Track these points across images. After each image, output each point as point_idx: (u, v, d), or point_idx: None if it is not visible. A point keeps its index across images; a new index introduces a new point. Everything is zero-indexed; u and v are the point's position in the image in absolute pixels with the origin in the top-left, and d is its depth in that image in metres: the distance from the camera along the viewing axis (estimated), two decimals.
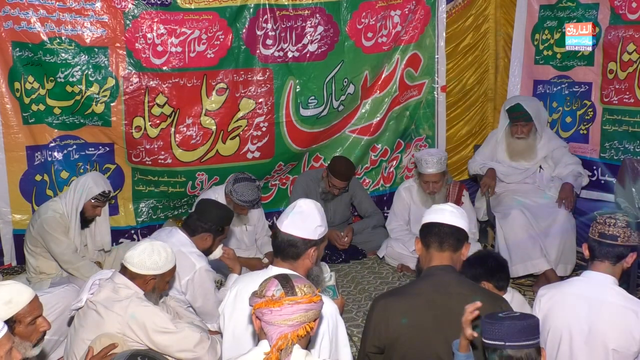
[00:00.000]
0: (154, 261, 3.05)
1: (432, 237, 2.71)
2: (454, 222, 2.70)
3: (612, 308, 2.70)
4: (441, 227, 2.69)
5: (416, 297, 2.64)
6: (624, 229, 2.78)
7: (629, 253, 2.80)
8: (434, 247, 2.71)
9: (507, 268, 3.42)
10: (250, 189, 4.57)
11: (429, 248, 2.72)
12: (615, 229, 2.78)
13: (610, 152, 5.31)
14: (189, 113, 5.28)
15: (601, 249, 2.80)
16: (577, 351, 2.76)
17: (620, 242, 2.78)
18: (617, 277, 2.82)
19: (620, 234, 2.78)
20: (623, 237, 2.78)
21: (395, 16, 5.76)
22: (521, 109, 5.09)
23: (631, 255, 2.81)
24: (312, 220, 2.73)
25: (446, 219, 2.71)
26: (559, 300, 2.82)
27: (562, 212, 4.86)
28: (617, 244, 2.78)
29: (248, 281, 2.81)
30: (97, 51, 4.99)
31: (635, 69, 5.06)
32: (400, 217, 5.39)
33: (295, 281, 2.14)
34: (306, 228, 2.71)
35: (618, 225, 2.79)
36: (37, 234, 4.40)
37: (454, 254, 2.71)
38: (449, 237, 2.69)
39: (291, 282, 2.12)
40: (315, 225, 2.73)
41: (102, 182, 4.48)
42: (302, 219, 2.72)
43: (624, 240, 2.78)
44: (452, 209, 2.75)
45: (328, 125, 5.77)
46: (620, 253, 2.79)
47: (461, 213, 2.77)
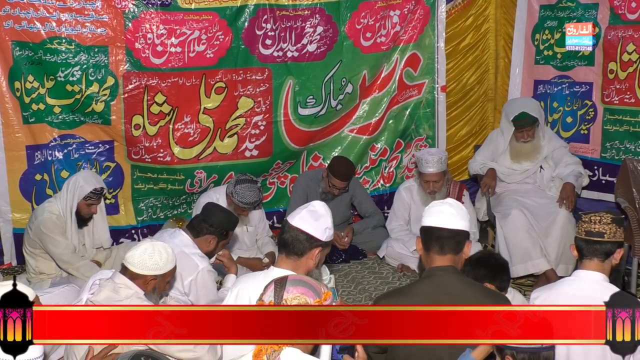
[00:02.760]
0: (155, 261, 3.05)
1: (432, 241, 2.68)
2: (454, 225, 2.66)
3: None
4: (441, 231, 2.66)
5: (418, 298, 2.62)
6: (610, 225, 2.79)
7: (616, 249, 2.82)
8: (434, 250, 2.68)
9: (508, 269, 3.42)
10: (251, 191, 4.57)
11: (430, 251, 2.69)
12: (601, 225, 2.80)
13: (611, 152, 5.32)
14: (187, 111, 5.28)
15: (589, 247, 2.82)
16: (574, 350, 2.76)
17: (607, 238, 2.79)
18: (607, 274, 2.84)
19: (607, 231, 2.79)
20: (609, 233, 2.79)
21: (394, 16, 5.76)
22: (527, 115, 5.07)
23: (618, 251, 2.83)
24: (323, 221, 2.75)
25: (446, 222, 2.66)
26: (554, 301, 2.81)
27: (563, 212, 4.86)
28: (604, 240, 2.79)
29: (249, 282, 2.83)
30: (97, 51, 4.99)
31: (635, 69, 5.07)
32: (401, 217, 5.38)
33: (288, 290, 2.10)
34: (317, 227, 2.73)
35: (603, 222, 2.80)
36: (34, 236, 4.40)
37: (456, 256, 2.68)
38: (449, 241, 2.65)
39: (282, 292, 2.09)
40: (326, 226, 2.75)
41: (92, 180, 4.45)
42: (314, 217, 2.74)
43: (610, 237, 2.79)
44: (452, 210, 2.70)
45: (326, 124, 5.77)
46: (608, 250, 2.80)
47: (460, 212, 2.72)
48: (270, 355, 2.04)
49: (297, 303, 2.07)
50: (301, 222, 2.73)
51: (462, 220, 2.70)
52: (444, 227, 2.66)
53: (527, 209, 4.90)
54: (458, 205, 2.77)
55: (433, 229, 2.68)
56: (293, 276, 2.21)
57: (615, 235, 2.80)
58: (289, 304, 2.06)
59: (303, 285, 2.13)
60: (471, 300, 2.43)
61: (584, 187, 5.30)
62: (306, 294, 2.11)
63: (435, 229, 2.67)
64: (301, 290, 2.11)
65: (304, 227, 2.72)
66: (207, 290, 3.77)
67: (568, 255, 4.86)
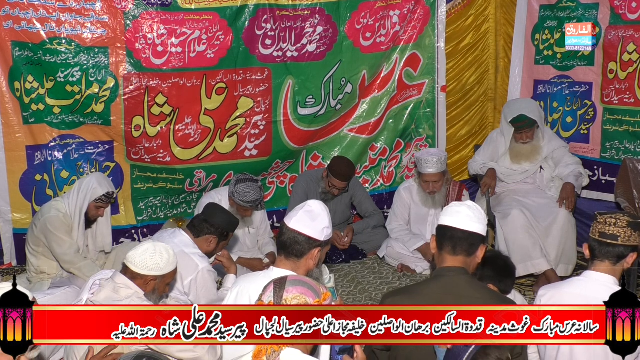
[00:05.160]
0: (156, 262, 3.05)
1: (445, 240, 2.66)
2: (469, 227, 2.63)
3: None
4: (455, 231, 2.63)
5: (423, 298, 2.60)
6: (625, 229, 2.76)
7: (629, 253, 2.79)
8: (446, 250, 2.66)
9: (514, 274, 3.41)
10: (252, 189, 4.57)
11: (442, 250, 2.67)
12: (616, 228, 2.77)
13: (610, 152, 5.31)
14: (188, 112, 5.28)
15: (601, 249, 2.79)
16: (578, 351, 2.76)
17: (620, 242, 2.76)
18: (618, 277, 2.80)
19: (621, 234, 2.76)
20: (624, 237, 2.76)
21: (394, 16, 5.76)
22: (525, 118, 5.07)
23: (631, 255, 2.79)
24: (321, 221, 2.75)
25: (461, 223, 2.64)
26: (559, 301, 2.80)
27: (563, 212, 4.86)
28: (617, 243, 2.76)
29: (249, 282, 2.84)
30: (97, 51, 4.99)
31: (635, 69, 5.07)
32: (401, 217, 5.39)
33: (288, 290, 2.09)
34: (314, 227, 2.73)
35: (619, 225, 2.77)
36: (39, 233, 4.41)
37: (468, 258, 2.65)
38: (462, 242, 2.63)
39: (282, 292, 2.09)
40: (323, 226, 2.75)
41: (106, 184, 4.49)
42: (311, 218, 2.74)
43: (624, 240, 2.76)
44: (469, 212, 2.66)
45: (325, 124, 5.78)
46: (620, 253, 2.77)
47: (478, 215, 2.68)
48: (270, 356, 2.04)
49: (296, 303, 2.07)
50: (299, 224, 2.74)
51: (479, 223, 2.66)
52: (458, 228, 2.64)
53: (527, 209, 4.90)
54: (477, 208, 2.73)
55: (448, 228, 2.66)
56: (293, 276, 2.20)
57: (630, 240, 2.77)
58: (288, 304, 2.06)
59: (303, 286, 2.13)
60: (477, 302, 2.41)
61: (584, 187, 5.30)
62: (306, 293, 2.11)
63: (450, 228, 2.66)
64: (301, 290, 2.11)
65: (301, 229, 2.72)
66: (207, 290, 3.77)
67: (568, 255, 4.87)
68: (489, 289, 2.79)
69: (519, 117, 5.08)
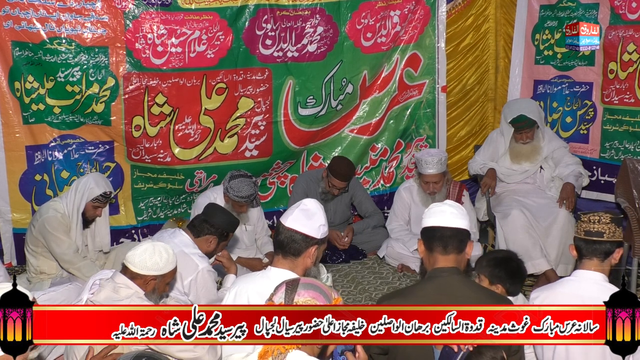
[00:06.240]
0: (155, 262, 3.05)
1: (435, 241, 2.66)
2: (455, 224, 2.66)
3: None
4: (443, 230, 2.65)
5: (420, 299, 2.60)
6: (609, 225, 2.80)
7: (615, 249, 2.82)
8: (437, 250, 2.66)
9: (524, 279, 3.43)
10: (246, 184, 4.57)
11: (433, 251, 2.68)
12: (600, 225, 2.80)
13: (610, 152, 5.32)
14: (188, 112, 5.28)
15: (588, 247, 2.82)
16: (573, 350, 2.76)
17: (606, 238, 2.79)
18: (607, 274, 2.83)
19: (606, 230, 2.79)
20: (608, 233, 2.79)
21: (394, 16, 5.76)
22: (525, 118, 5.07)
23: (617, 251, 2.83)
24: (317, 219, 2.76)
25: (447, 221, 2.66)
26: (553, 301, 2.81)
27: (563, 212, 4.86)
28: (603, 240, 2.79)
29: (247, 281, 2.84)
30: (97, 51, 4.99)
31: (635, 69, 5.07)
32: (401, 217, 5.39)
33: (300, 293, 2.10)
34: (310, 225, 2.74)
35: (602, 222, 2.80)
36: (38, 234, 4.41)
37: (459, 255, 2.67)
38: (452, 239, 2.64)
39: (293, 295, 2.10)
40: (319, 224, 2.75)
41: (103, 183, 4.48)
42: (307, 216, 2.75)
43: (609, 236, 2.79)
44: (452, 209, 2.70)
45: (326, 124, 5.78)
46: (607, 249, 2.80)
47: (461, 212, 2.72)
48: (277, 358, 2.03)
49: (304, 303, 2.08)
50: (295, 223, 2.74)
51: (463, 219, 2.70)
52: (446, 226, 2.65)
53: (527, 209, 4.90)
54: (457, 205, 2.78)
55: (435, 229, 2.67)
56: (306, 279, 2.20)
57: (615, 235, 2.80)
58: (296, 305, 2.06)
59: (315, 290, 2.13)
60: (473, 302, 2.42)
61: (584, 187, 5.30)
62: (317, 298, 2.11)
63: (437, 228, 2.67)
64: (312, 294, 2.12)
65: (298, 228, 2.73)
66: (207, 290, 3.77)
67: (568, 255, 4.86)
68: (483, 288, 2.80)
69: (518, 117, 5.08)
